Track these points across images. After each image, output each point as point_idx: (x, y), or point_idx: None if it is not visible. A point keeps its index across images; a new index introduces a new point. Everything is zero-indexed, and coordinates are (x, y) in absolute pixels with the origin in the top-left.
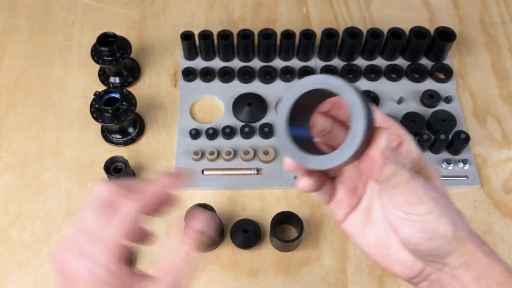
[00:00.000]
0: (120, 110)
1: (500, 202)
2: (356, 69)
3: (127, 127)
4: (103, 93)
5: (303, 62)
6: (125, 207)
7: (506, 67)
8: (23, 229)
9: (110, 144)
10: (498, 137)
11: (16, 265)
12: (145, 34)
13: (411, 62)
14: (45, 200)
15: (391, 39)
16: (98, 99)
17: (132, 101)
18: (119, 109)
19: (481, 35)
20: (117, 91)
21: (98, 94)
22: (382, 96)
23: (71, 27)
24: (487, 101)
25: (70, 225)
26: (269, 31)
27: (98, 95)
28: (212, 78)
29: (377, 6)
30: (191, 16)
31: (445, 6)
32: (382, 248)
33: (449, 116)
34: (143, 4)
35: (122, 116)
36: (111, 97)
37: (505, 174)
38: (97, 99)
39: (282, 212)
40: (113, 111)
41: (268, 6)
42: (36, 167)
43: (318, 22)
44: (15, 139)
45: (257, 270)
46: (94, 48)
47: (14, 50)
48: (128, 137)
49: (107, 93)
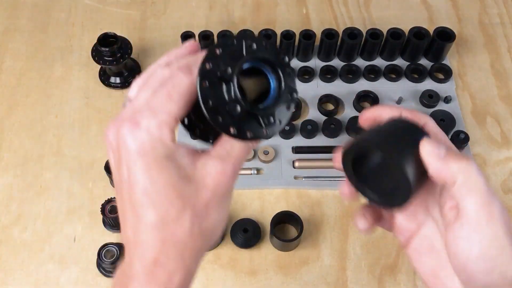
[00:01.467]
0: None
1: None
2: (356, 70)
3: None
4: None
5: (303, 63)
6: (178, 79)
7: (505, 67)
8: (24, 228)
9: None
10: (497, 137)
11: (17, 265)
12: (146, 35)
13: (411, 63)
14: (46, 200)
15: (391, 39)
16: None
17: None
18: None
19: (480, 36)
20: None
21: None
22: (381, 96)
23: (72, 27)
24: (486, 101)
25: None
26: (269, 32)
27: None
28: None
29: (377, 7)
30: (191, 16)
31: (445, 6)
32: (436, 277)
33: (448, 116)
34: (144, 5)
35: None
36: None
37: (504, 174)
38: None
39: (282, 211)
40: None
41: (268, 6)
42: (37, 167)
43: (318, 22)
44: (16, 139)
45: (257, 270)
46: (94, 48)
47: (15, 51)
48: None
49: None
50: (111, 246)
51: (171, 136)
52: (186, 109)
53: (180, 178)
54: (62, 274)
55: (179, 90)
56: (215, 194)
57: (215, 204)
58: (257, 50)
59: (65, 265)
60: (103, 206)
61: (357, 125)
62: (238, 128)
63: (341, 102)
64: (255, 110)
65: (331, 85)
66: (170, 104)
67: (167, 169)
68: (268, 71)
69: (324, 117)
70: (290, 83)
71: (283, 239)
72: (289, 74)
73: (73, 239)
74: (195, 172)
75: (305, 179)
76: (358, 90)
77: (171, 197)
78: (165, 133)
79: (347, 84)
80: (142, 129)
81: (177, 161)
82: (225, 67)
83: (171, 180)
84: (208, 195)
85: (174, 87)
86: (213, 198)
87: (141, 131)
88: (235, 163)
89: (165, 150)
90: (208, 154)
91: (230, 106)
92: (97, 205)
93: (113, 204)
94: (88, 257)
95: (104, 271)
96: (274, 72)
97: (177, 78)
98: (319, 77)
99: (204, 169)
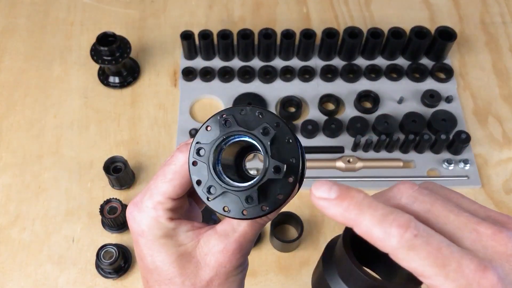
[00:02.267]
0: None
1: (500, 202)
2: (357, 69)
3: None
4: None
5: (303, 62)
6: (174, 157)
7: (506, 67)
8: (23, 229)
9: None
10: (499, 137)
11: (16, 265)
12: (145, 34)
13: (412, 62)
14: (45, 200)
15: (392, 38)
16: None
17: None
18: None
19: (481, 35)
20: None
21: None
22: (382, 96)
23: (71, 26)
24: (487, 101)
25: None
26: (269, 31)
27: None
28: (212, 77)
29: (378, 6)
30: (191, 15)
31: (446, 5)
32: None
33: (449, 116)
34: (143, 4)
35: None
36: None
37: (506, 174)
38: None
39: (282, 212)
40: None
41: (268, 5)
42: (35, 167)
43: (318, 21)
44: (14, 139)
45: (257, 270)
46: (93, 47)
47: (14, 50)
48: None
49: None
50: (110, 247)
51: (169, 215)
52: (185, 186)
53: (179, 256)
54: (60, 275)
55: (174, 169)
56: (217, 273)
57: (218, 284)
58: (245, 122)
59: (64, 265)
60: (102, 207)
61: (357, 125)
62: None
63: (342, 102)
64: (241, 190)
65: (331, 84)
66: (164, 185)
67: (165, 247)
68: (258, 143)
69: (324, 117)
70: (281, 153)
71: (283, 240)
72: (289, 141)
73: (72, 240)
74: (196, 249)
75: (305, 179)
76: (359, 89)
77: (172, 275)
78: (160, 213)
79: (347, 84)
80: (141, 210)
81: (177, 239)
82: (208, 148)
83: (170, 258)
84: (209, 274)
85: (169, 166)
86: (216, 277)
87: (140, 212)
88: (240, 240)
89: (163, 229)
90: (213, 230)
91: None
92: (96, 206)
93: (112, 205)
94: (86, 258)
95: (102, 272)
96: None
97: (173, 157)
98: (319, 76)
99: (206, 246)
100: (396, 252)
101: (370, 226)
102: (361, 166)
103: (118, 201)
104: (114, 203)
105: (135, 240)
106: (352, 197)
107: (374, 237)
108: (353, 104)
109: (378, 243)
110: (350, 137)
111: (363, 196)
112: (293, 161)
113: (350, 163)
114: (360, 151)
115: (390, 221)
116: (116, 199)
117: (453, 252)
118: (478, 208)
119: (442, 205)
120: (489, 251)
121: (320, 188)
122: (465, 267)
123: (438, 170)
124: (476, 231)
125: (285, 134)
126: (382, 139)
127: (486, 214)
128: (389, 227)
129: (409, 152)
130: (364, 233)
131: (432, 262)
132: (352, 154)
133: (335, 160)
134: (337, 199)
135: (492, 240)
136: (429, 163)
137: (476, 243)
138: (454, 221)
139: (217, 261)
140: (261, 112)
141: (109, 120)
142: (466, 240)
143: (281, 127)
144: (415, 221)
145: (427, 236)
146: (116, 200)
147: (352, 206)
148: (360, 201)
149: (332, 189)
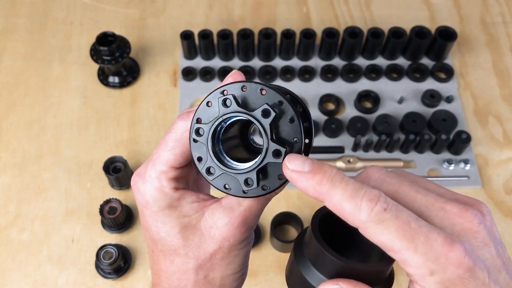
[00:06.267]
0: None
1: (501, 202)
2: (357, 69)
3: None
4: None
5: (304, 62)
6: (175, 125)
7: (507, 67)
8: (22, 229)
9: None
10: (499, 137)
11: (15, 266)
12: (145, 34)
13: (412, 62)
14: (44, 200)
15: (392, 38)
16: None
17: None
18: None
19: (482, 35)
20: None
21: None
22: (382, 95)
23: (70, 26)
24: (488, 101)
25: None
26: (269, 31)
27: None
28: (212, 77)
29: (378, 6)
30: (190, 15)
31: (446, 5)
32: None
33: (450, 116)
34: (143, 4)
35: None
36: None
37: (506, 174)
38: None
39: (282, 212)
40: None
41: (268, 5)
42: (35, 167)
43: (319, 21)
44: (14, 139)
45: (257, 271)
46: (93, 47)
47: (13, 50)
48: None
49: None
50: (110, 247)
51: (173, 185)
52: (186, 154)
53: (183, 227)
54: (60, 275)
55: (175, 137)
56: (221, 246)
57: (221, 257)
58: (246, 103)
59: (63, 266)
60: (102, 207)
61: (358, 125)
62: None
63: (342, 102)
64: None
65: (331, 84)
66: (166, 153)
67: (169, 218)
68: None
69: (325, 117)
70: (283, 133)
71: (283, 240)
72: (292, 119)
73: (72, 240)
74: (201, 222)
75: None
76: (359, 89)
77: (176, 246)
78: (164, 183)
79: (348, 84)
80: (145, 181)
81: (181, 210)
82: (208, 127)
83: (174, 229)
84: (213, 247)
85: (170, 134)
86: (219, 251)
87: (144, 183)
88: (246, 214)
89: (167, 199)
90: (218, 202)
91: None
92: (95, 206)
93: (111, 205)
94: (86, 258)
95: (102, 272)
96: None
97: (174, 125)
98: (319, 76)
99: (211, 219)
100: (365, 226)
101: (341, 200)
102: (361, 166)
103: (117, 201)
104: (113, 203)
105: (140, 210)
106: (325, 172)
107: (344, 211)
108: (353, 104)
109: (348, 217)
110: (350, 137)
111: (336, 171)
112: (296, 140)
113: (351, 163)
114: (361, 151)
115: (361, 195)
116: (116, 199)
117: (421, 226)
118: (445, 191)
119: (409, 186)
120: (457, 228)
121: (294, 161)
122: (433, 241)
123: (438, 170)
124: (443, 209)
125: (288, 113)
126: (383, 139)
127: (453, 196)
128: (360, 201)
129: (410, 152)
130: (334, 207)
131: (401, 236)
132: (353, 154)
133: (335, 160)
134: (310, 172)
135: (459, 218)
136: (429, 163)
137: (443, 220)
138: (421, 200)
139: (221, 234)
140: (263, 89)
141: (108, 120)
142: (434, 218)
143: (284, 105)
144: (384, 196)
145: (396, 210)
146: (116, 200)
147: (325, 181)
148: (333, 176)
149: (306, 162)
